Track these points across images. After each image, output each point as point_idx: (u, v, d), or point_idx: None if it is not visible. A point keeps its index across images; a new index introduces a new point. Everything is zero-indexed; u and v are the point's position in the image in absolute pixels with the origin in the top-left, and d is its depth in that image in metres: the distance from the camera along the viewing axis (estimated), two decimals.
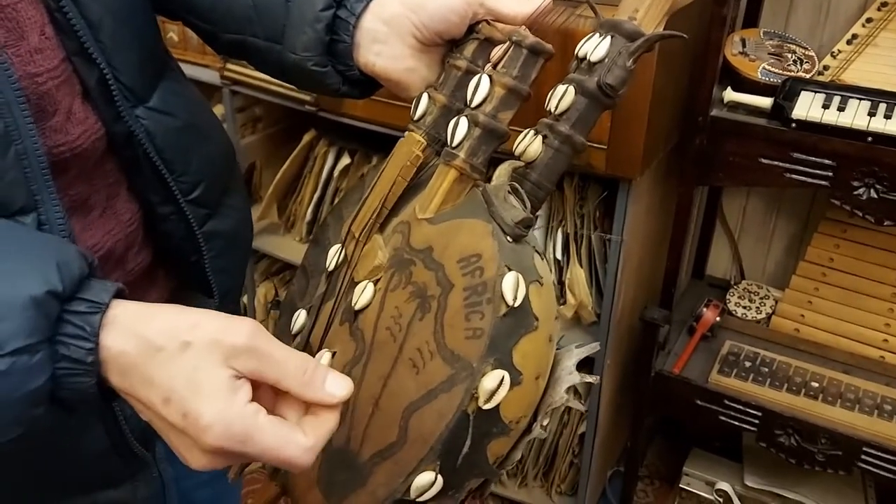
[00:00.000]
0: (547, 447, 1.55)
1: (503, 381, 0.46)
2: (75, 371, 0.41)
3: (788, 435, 1.28)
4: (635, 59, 0.54)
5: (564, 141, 0.55)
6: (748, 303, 1.53)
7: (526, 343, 0.48)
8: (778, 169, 1.19)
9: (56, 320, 0.41)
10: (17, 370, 0.39)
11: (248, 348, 0.42)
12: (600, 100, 0.55)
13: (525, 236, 0.51)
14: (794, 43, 1.31)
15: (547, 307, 0.50)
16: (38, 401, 0.41)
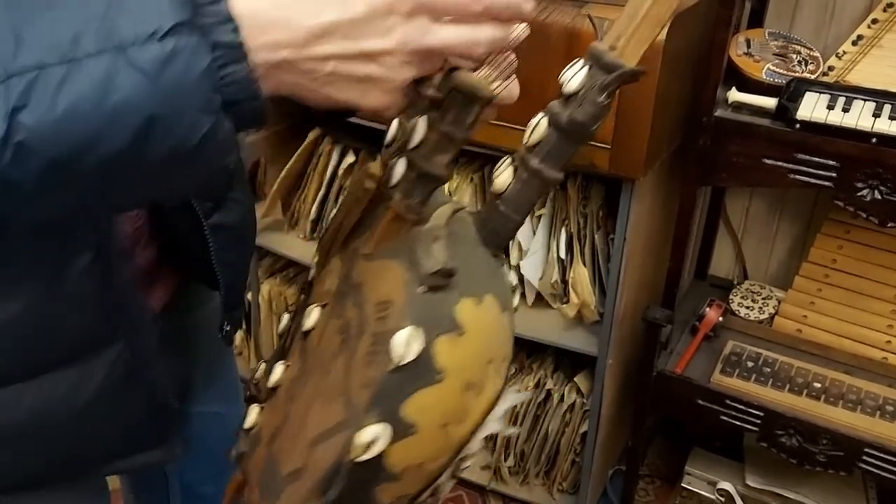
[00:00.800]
0: (549, 445, 1.56)
1: (378, 437, 0.48)
2: (230, 58, 0.41)
3: (790, 435, 1.28)
4: (607, 95, 0.51)
5: (533, 175, 0.53)
6: (751, 303, 1.53)
7: (423, 397, 0.48)
8: (782, 170, 1.19)
9: (193, 9, 0.40)
10: (182, 49, 0.39)
11: None
12: (571, 135, 0.52)
13: (443, 287, 0.50)
14: (799, 44, 1.31)
15: (464, 357, 0.50)
16: (213, 85, 0.40)
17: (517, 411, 1.58)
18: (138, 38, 0.39)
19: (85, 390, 0.60)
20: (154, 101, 0.39)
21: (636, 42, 0.51)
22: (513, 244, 1.46)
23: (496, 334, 0.52)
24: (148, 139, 0.40)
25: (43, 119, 0.38)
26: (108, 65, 0.39)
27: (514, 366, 1.59)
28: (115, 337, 0.61)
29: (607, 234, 1.41)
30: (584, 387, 1.51)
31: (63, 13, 0.40)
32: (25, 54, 0.38)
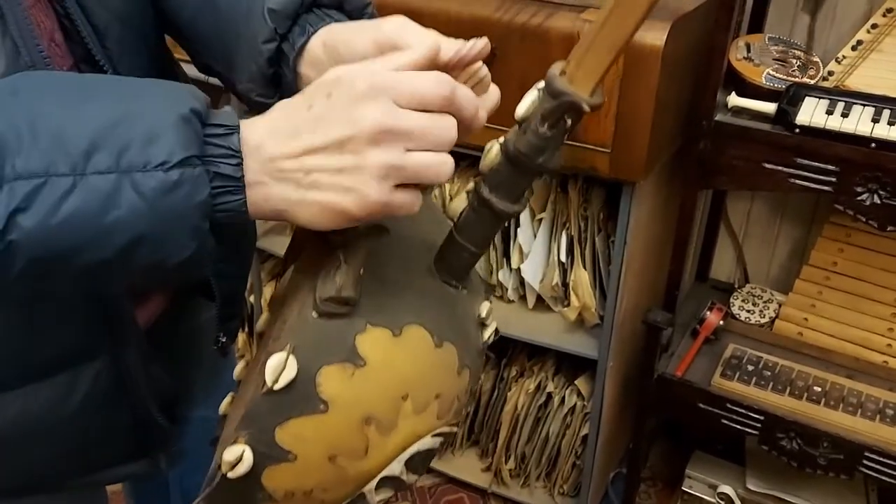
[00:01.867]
0: (550, 448, 1.56)
1: (243, 456, 0.46)
2: (227, 188, 0.44)
3: (791, 439, 1.29)
4: (550, 126, 0.46)
5: (483, 204, 0.50)
6: (752, 306, 1.53)
7: (300, 425, 0.46)
8: (781, 174, 1.19)
9: (202, 142, 0.43)
10: (187, 180, 0.42)
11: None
12: (518, 166, 0.48)
13: (337, 314, 0.47)
14: (798, 48, 1.32)
15: (362, 390, 0.47)
16: (206, 214, 0.43)
17: (518, 413, 1.58)
18: (147, 165, 0.41)
19: (69, 402, 0.60)
20: (147, 223, 0.42)
21: (587, 69, 0.46)
22: (513, 246, 1.47)
23: (421, 370, 0.49)
24: (133, 254, 0.42)
25: (41, 224, 0.40)
26: (113, 184, 0.41)
27: (515, 368, 1.60)
28: (101, 350, 0.61)
29: (608, 237, 1.42)
30: (585, 390, 1.51)
31: (83, 117, 0.42)
32: (36, 156, 0.40)
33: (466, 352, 0.53)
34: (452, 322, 0.52)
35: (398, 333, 0.49)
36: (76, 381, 0.60)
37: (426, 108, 0.45)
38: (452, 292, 0.53)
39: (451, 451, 1.71)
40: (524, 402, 1.57)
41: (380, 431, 0.48)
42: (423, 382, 0.50)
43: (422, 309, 0.51)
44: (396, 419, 0.49)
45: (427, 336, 0.50)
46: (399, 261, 0.53)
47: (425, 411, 0.50)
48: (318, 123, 0.44)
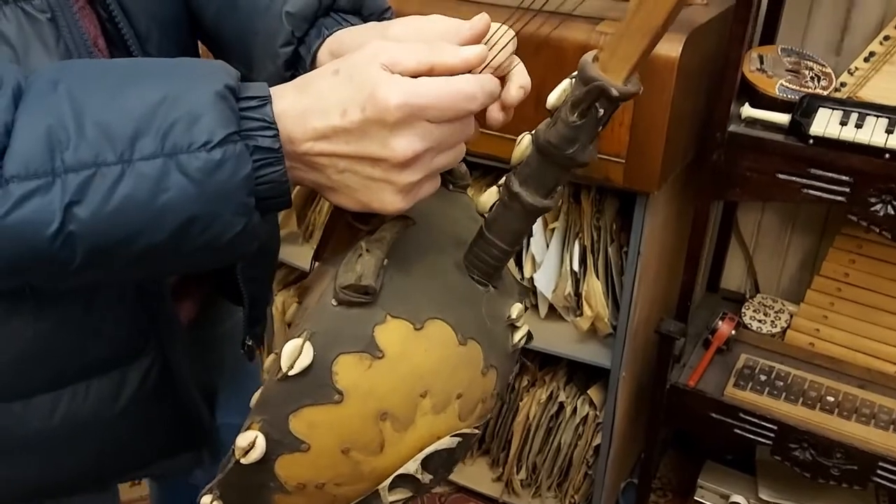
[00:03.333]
0: (561, 458, 1.56)
1: (255, 442, 0.46)
2: (267, 160, 0.44)
3: (804, 449, 1.29)
4: (580, 115, 0.45)
5: (513, 198, 0.49)
6: (763, 316, 1.53)
7: (314, 413, 0.46)
8: (795, 184, 1.20)
9: (239, 116, 0.44)
10: (230, 157, 0.43)
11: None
12: (548, 157, 0.47)
13: (357, 303, 0.46)
14: (811, 60, 1.33)
15: (379, 383, 0.46)
16: (251, 189, 0.44)
17: (529, 423, 1.58)
18: (192, 146, 0.42)
19: (119, 399, 0.61)
20: (197, 203, 0.43)
21: (620, 55, 0.44)
22: (526, 256, 1.47)
23: (442, 367, 0.48)
24: (186, 235, 0.44)
25: (96, 214, 0.42)
26: (160, 168, 0.42)
27: (527, 378, 1.60)
28: (148, 348, 0.62)
29: (621, 247, 1.42)
30: (597, 399, 1.52)
31: (125, 104, 0.43)
32: (85, 148, 0.41)
33: (492, 352, 0.52)
34: (478, 320, 0.51)
35: (420, 327, 0.48)
36: (125, 379, 0.61)
37: (458, 119, 0.45)
38: (480, 290, 0.52)
39: (461, 461, 1.71)
40: (536, 412, 1.57)
41: (396, 428, 0.47)
42: (443, 380, 0.48)
43: (446, 304, 0.49)
44: (414, 416, 0.47)
45: (450, 332, 0.48)
46: (426, 255, 0.52)
47: (446, 411, 0.49)
48: (353, 134, 0.44)
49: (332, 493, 0.49)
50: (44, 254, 0.42)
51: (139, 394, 0.62)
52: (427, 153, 0.45)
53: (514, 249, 0.52)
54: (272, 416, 0.46)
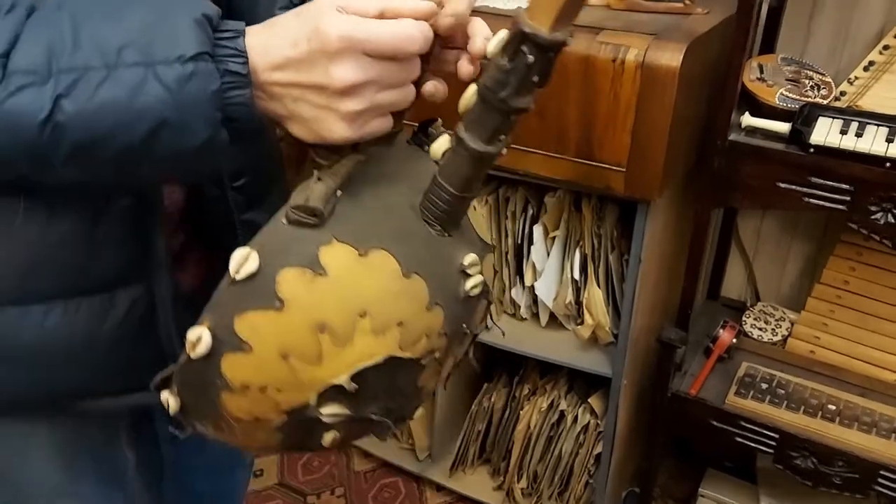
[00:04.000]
0: (563, 467, 1.56)
1: (202, 337, 0.51)
2: (236, 84, 0.51)
3: (805, 457, 1.29)
4: (510, 59, 0.48)
5: (459, 143, 0.53)
6: (763, 324, 1.53)
7: (257, 317, 0.50)
8: (796, 192, 1.20)
9: (214, 44, 0.51)
10: (200, 72, 0.49)
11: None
12: (487, 103, 0.51)
13: (305, 223, 0.51)
14: (811, 69, 1.33)
15: (318, 297, 0.50)
16: (218, 105, 0.50)
17: (530, 432, 1.58)
18: (168, 59, 0.49)
19: (106, 321, 0.65)
20: (169, 110, 0.49)
21: (545, 3, 0.47)
22: (526, 264, 1.48)
23: (383, 293, 0.52)
24: (157, 137, 0.50)
25: (81, 108, 0.48)
26: (140, 75, 0.49)
27: (528, 386, 1.60)
28: (139, 279, 0.66)
29: (621, 255, 1.42)
30: (598, 408, 1.52)
31: (116, 24, 0.50)
32: (78, 55, 0.49)
33: (439, 291, 0.55)
34: (426, 259, 0.54)
35: (364, 254, 0.52)
36: (113, 303, 0.65)
37: (398, 58, 0.51)
38: (433, 233, 0.56)
39: (462, 470, 1.71)
40: (537, 421, 1.57)
41: (334, 342, 0.51)
42: (383, 305, 0.52)
43: (395, 238, 0.53)
44: (352, 334, 0.51)
45: (394, 263, 0.52)
46: (383, 194, 0.56)
47: (385, 335, 0.52)
48: (302, 64, 0.50)
49: (273, 398, 0.52)
50: (32, 140, 0.49)
51: (126, 320, 0.65)
52: (367, 85, 0.50)
53: (463, 194, 0.54)
54: (219, 316, 0.51)
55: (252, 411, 0.53)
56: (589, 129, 1.21)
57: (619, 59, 1.15)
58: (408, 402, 0.58)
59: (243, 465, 1.11)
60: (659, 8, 1.31)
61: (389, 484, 1.75)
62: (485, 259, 0.60)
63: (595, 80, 1.17)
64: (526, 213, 1.46)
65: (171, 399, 0.55)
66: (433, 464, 1.73)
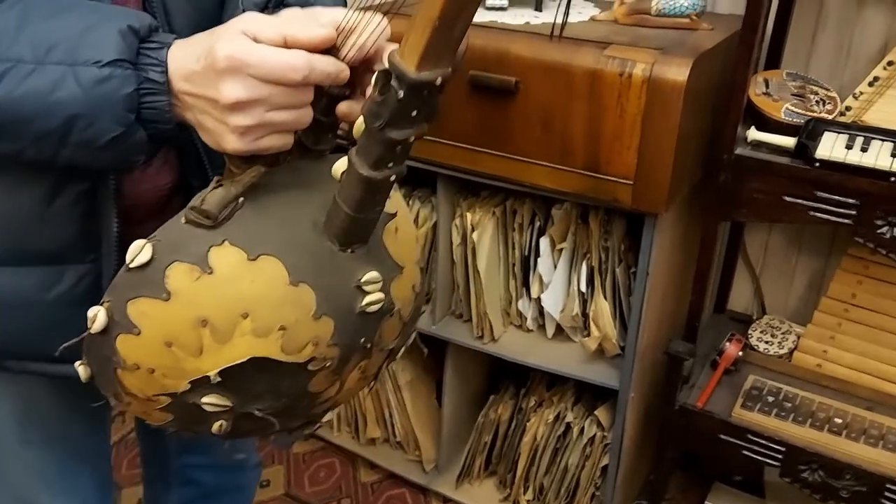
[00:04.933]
0: (569, 479, 1.56)
1: (97, 315, 0.55)
2: (153, 90, 0.57)
3: (813, 470, 1.29)
4: (379, 91, 0.52)
5: (350, 166, 0.55)
6: (770, 338, 1.54)
7: (145, 304, 0.55)
8: (801, 206, 1.21)
9: (137, 52, 0.57)
10: (114, 77, 0.56)
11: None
12: (370, 131, 0.53)
13: (200, 224, 0.56)
14: (816, 84, 1.34)
15: (202, 294, 0.54)
16: (131, 107, 0.56)
17: (537, 444, 1.58)
18: (87, 62, 0.56)
19: (52, 290, 0.71)
20: (81, 105, 0.56)
21: (411, 44, 0.50)
22: (533, 276, 1.48)
23: (266, 297, 0.55)
24: (71, 127, 0.57)
25: (7, 93, 0.56)
26: (61, 72, 0.56)
27: (534, 398, 1.60)
28: (87, 259, 0.71)
29: (628, 268, 1.43)
30: (605, 420, 1.52)
31: (54, 26, 0.57)
32: (14, 49, 0.56)
33: (329, 303, 0.58)
34: (318, 271, 0.57)
35: (253, 258, 0.55)
36: (61, 276, 0.71)
37: (282, 84, 0.55)
38: (332, 248, 0.58)
39: (468, 481, 1.71)
40: (543, 433, 1.57)
41: (215, 338, 0.55)
42: (266, 309, 0.55)
43: (288, 248, 0.57)
44: (233, 332, 0.55)
45: (282, 270, 0.56)
46: (294, 205, 0.59)
47: (267, 337, 0.55)
48: (199, 77, 0.56)
49: (160, 381, 0.56)
50: None
51: (70, 293, 0.71)
52: (255, 104, 0.54)
53: (358, 215, 0.57)
54: (116, 299, 0.56)
55: (143, 390, 0.58)
56: (596, 142, 1.22)
57: (626, 74, 1.16)
58: (301, 405, 0.62)
59: (251, 465, 1.14)
60: (666, 23, 1.32)
61: (396, 495, 1.75)
62: (394, 280, 0.63)
63: (602, 93, 1.19)
64: (533, 225, 1.47)
65: (81, 368, 0.59)
66: (439, 475, 1.73)
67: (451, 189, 1.47)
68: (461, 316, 1.57)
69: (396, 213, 0.65)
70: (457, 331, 1.56)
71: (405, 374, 1.72)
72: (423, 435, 1.75)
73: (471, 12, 0.49)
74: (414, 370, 1.74)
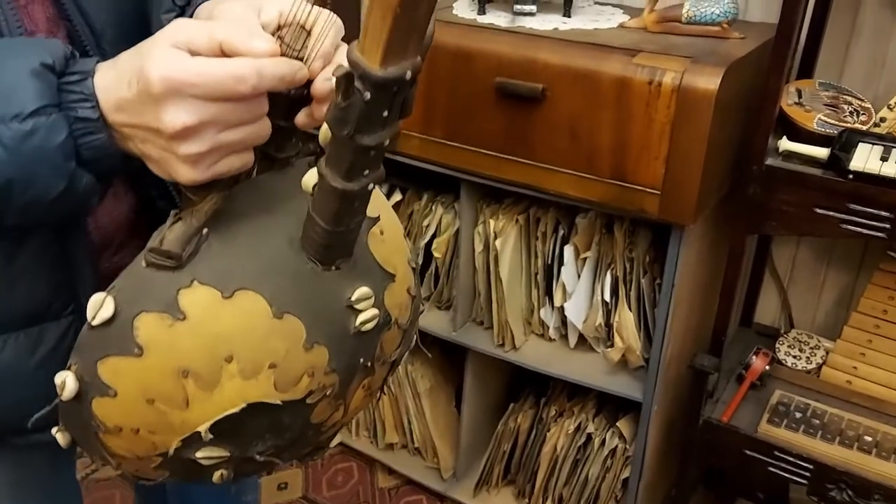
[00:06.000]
0: (589, 491, 1.54)
1: (66, 382, 0.51)
2: (88, 129, 0.49)
3: (841, 490, 1.26)
4: (343, 96, 0.45)
5: (321, 178, 0.50)
6: (798, 352, 1.51)
7: (118, 363, 0.49)
8: (833, 219, 1.18)
9: (58, 90, 0.49)
10: (41, 128, 0.48)
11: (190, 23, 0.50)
12: (337, 139, 0.48)
13: (163, 266, 0.50)
14: (850, 94, 1.32)
15: (178, 342, 0.49)
16: (68, 154, 0.49)
17: (557, 454, 1.56)
18: (4, 118, 0.47)
19: (35, 354, 0.64)
20: (12, 168, 0.48)
21: (371, 38, 0.43)
22: (556, 285, 1.47)
23: (249, 335, 0.50)
24: (9, 193, 0.49)
25: None
26: None
27: (555, 408, 1.58)
28: (66, 313, 0.65)
29: (653, 279, 1.41)
30: (627, 432, 1.50)
31: None
32: None
33: (319, 329, 0.52)
34: (303, 297, 0.52)
35: (228, 296, 0.50)
36: (42, 338, 0.64)
37: (231, 99, 0.48)
38: (313, 269, 0.53)
39: (486, 490, 1.69)
40: (564, 443, 1.55)
41: (200, 386, 0.49)
42: (250, 348, 0.50)
43: (264, 277, 0.51)
44: (219, 378, 0.49)
45: (262, 303, 0.50)
46: (264, 227, 0.53)
47: (257, 377, 0.50)
48: (134, 105, 0.48)
49: (148, 439, 0.51)
50: None
51: (55, 354, 0.64)
52: (204, 127, 0.47)
53: (337, 229, 0.51)
54: (84, 361, 0.51)
55: (132, 450, 0.53)
56: (623, 151, 1.21)
57: (656, 82, 1.15)
58: (306, 436, 0.56)
59: (252, 485, 1.11)
60: (696, 31, 1.30)
61: (413, 502, 1.74)
62: (387, 289, 0.57)
63: (630, 102, 1.17)
64: (556, 233, 1.46)
65: (59, 435, 0.55)
66: (457, 483, 1.72)
67: (475, 195, 1.46)
68: (482, 323, 1.56)
69: (379, 216, 0.58)
70: (477, 338, 1.54)
71: (424, 382, 1.71)
72: (442, 442, 1.74)
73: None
74: (434, 377, 1.73)
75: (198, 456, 0.52)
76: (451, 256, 1.55)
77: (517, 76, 1.24)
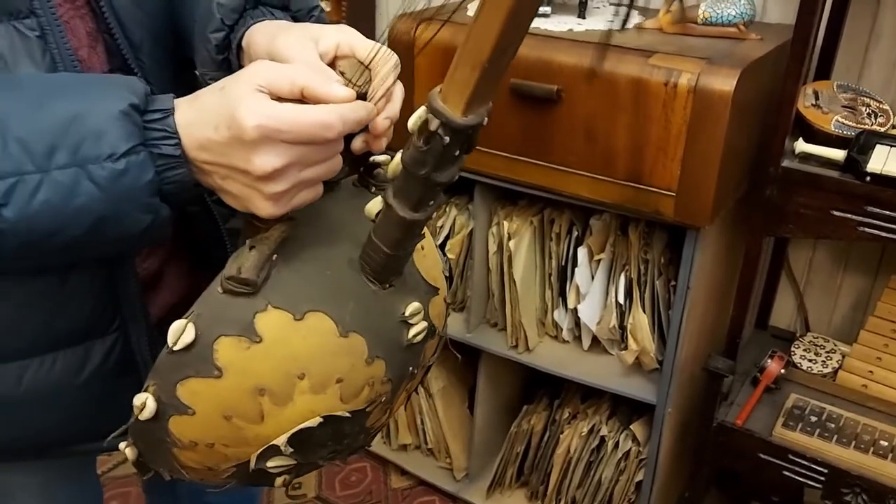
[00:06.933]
0: (602, 493, 1.54)
1: (146, 403, 0.53)
2: (170, 165, 0.52)
3: (856, 494, 1.25)
4: (425, 141, 0.49)
5: (388, 208, 0.53)
6: (814, 356, 1.50)
7: (197, 384, 0.52)
8: (851, 222, 1.17)
9: (142, 129, 0.51)
10: (133, 166, 0.50)
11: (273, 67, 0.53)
12: (409, 174, 0.51)
13: (237, 292, 0.53)
14: (868, 96, 1.31)
15: (255, 363, 0.52)
16: (154, 191, 0.52)
17: (570, 456, 1.56)
18: (98, 158, 0.50)
19: (82, 372, 0.66)
20: (105, 206, 0.51)
21: (455, 86, 0.46)
22: (570, 286, 1.47)
23: (319, 354, 0.54)
24: (99, 231, 0.52)
25: (20, 214, 0.49)
26: (72, 177, 0.50)
27: (569, 410, 1.58)
28: (112, 328, 0.68)
29: (668, 281, 1.40)
30: (641, 435, 1.49)
31: (41, 121, 0.50)
32: (8, 161, 0.49)
33: (379, 345, 0.56)
34: (365, 316, 0.56)
35: (299, 318, 0.53)
36: (89, 354, 0.66)
37: (315, 143, 0.51)
38: (372, 288, 0.57)
39: (499, 491, 1.69)
40: (577, 445, 1.55)
41: (274, 402, 0.53)
42: (321, 365, 0.54)
43: (330, 298, 0.55)
44: (292, 394, 0.53)
45: (331, 324, 0.54)
46: (324, 251, 0.57)
47: (325, 392, 0.54)
48: (223, 148, 0.51)
49: (222, 451, 0.55)
50: None
51: (101, 369, 0.67)
52: (289, 168, 0.51)
53: (398, 253, 0.55)
54: (162, 383, 0.53)
55: (203, 462, 0.56)
56: (639, 152, 1.20)
57: (672, 83, 1.15)
58: (359, 440, 0.61)
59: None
60: (712, 32, 1.30)
61: (426, 503, 1.75)
62: (431, 301, 0.62)
63: (646, 103, 1.17)
64: (571, 235, 1.46)
65: (128, 450, 0.58)
66: (470, 484, 1.72)
67: (489, 197, 1.46)
68: (496, 324, 1.56)
69: (424, 233, 0.62)
70: (491, 339, 1.55)
71: (437, 382, 1.71)
72: (455, 443, 1.74)
73: (519, 45, 0.46)
74: (446, 378, 1.74)
75: (269, 465, 0.55)
76: (464, 257, 1.55)
77: (532, 77, 1.24)
